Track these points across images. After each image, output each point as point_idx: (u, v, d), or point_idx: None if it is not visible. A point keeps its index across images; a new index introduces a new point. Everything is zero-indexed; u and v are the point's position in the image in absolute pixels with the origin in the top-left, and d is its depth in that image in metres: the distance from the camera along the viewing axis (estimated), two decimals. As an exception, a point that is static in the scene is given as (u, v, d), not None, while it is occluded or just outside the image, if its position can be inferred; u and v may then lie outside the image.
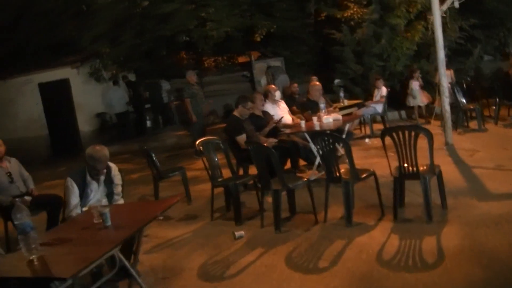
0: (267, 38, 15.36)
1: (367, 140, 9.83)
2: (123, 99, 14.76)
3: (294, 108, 9.52)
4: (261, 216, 5.51)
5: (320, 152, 5.17)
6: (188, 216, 6.44)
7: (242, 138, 6.69)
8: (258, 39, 12.82)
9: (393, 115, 12.24)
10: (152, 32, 12.94)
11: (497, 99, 9.74)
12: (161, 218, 6.43)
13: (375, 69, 12.36)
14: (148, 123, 16.34)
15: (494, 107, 10.22)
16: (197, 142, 6.04)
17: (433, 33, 8.35)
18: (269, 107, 8.16)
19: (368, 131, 10.53)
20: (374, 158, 8.20)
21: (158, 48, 14.05)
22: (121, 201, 4.86)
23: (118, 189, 4.86)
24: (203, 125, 10.89)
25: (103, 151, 4.53)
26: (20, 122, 15.36)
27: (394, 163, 5.01)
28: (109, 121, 15.26)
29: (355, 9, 11.99)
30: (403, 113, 12.35)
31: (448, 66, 10.80)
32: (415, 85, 11.19)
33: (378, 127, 10.99)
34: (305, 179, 5.36)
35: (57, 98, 15.12)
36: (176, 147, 12.93)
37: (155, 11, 11.96)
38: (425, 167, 4.95)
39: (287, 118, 8.23)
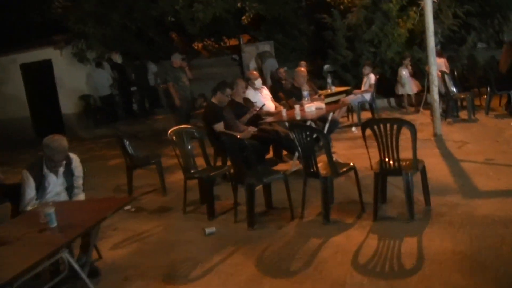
0: (258, 21, 14.95)
1: (353, 129, 9.52)
2: (108, 82, 14.35)
3: (281, 94, 9.20)
4: (234, 211, 5.21)
5: (297, 144, 4.85)
6: (161, 208, 6.14)
7: (220, 126, 6.37)
8: (246, 21, 12.37)
9: (382, 102, 11.92)
10: (140, 12, 12.47)
11: (489, 89, 9.41)
12: (133, 210, 6.17)
13: (366, 55, 12.00)
14: (134, 106, 15.97)
15: (485, 97, 9.93)
16: (169, 131, 5.69)
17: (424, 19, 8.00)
18: (251, 94, 7.82)
19: (356, 120, 10.20)
20: (359, 148, 7.81)
21: (146, 29, 13.57)
22: (82, 195, 4.54)
23: (79, 182, 4.55)
24: (189, 110, 10.55)
25: (61, 141, 4.20)
26: (1, 103, 14.93)
27: (377, 157, 4.71)
28: (93, 104, 14.85)
29: (345, -7, 11.60)
30: (392, 100, 12.03)
31: (442, 54, 10.52)
32: (404, 72, 10.85)
33: (367, 115, 10.70)
34: (282, 173, 5.03)
35: (39, 80, 14.73)
36: (162, 131, 12.56)
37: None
38: (407, 162, 4.65)
39: (270, 106, 7.90)
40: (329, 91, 10.22)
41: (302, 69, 8.20)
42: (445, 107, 9.56)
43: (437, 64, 8.45)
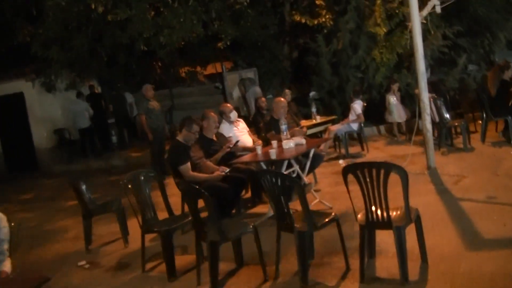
0: (238, 47, 14.35)
1: (341, 161, 8.81)
2: (87, 113, 13.59)
3: (262, 126, 8.49)
4: (197, 271, 4.41)
5: (268, 193, 4.11)
6: (118, 265, 5.34)
7: (185, 168, 5.62)
8: (222, 47, 11.74)
9: (371, 130, 11.25)
10: (109, 39, 11.82)
11: (484, 114, 8.75)
12: (86, 266, 5.38)
13: (353, 81, 11.36)
14: (114, 139, 15.21)
15: (480, 122, 9.28)
16: (124, 179, 4.92)
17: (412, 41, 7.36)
18: (225, 128, 7.11)
19: (343, 151, 9.47)
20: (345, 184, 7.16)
21: (117, 57, 12.91)
22: (7, 263, 3.75)
23: (4, 246, 3.77)
24: (163, 143, 9.80)
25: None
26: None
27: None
28: (68, 137, 14.09)
29: (327, 17, 10.97)
30: (382, 128, 11.35)
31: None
32: (392, 99, 10.17)
33: (355, 145, 10.00)
34: (252, 226, 4.25)
35: (11, 113, 13.98)
36: (138, 166, 11.78)
37: (112, 17, 10.85)
38: (399, 212, 3.91)
39: (246, 140, 7.17)
40: (313, 121, 9.54)
41: (282, 99, 7.48)
42: (437, 135, 8.89)
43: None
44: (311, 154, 6.17)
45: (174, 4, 10.76)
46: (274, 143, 6.18)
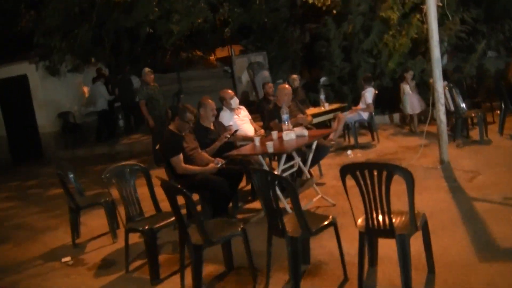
0: (248, 31, 13.90)
1: (349, 152, 8.37)
2: (105, 95, 13.43)
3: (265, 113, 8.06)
4: (181, 276, 4.03)
5: (259, 194, 3.71)
6: (103, 263, 4.99)
7: (177, 159, 5.24)
8: (228, 34, 11.31)
9: (383, 119, 10.76)
10: (113, 23, 11.43)
11: (502, 105, 8.21)
12: (70, 263, 5.07)
13: (364, 66, 10.85)
14: (121, 123, 14.89)
15: (498, 112, 8.75)
16: (105, 172, 4.55)
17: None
18: (225, 116, 6.70)
19: (353, 141, 9.02)
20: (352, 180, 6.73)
21: (121, 42, 12.54)
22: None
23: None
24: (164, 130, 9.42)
25: None
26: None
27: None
28: (73, 121, 13.80)
29: (337, -2, 10.45)
30: (396, 117, 10.83)
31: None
32: (406, 88, 9.56)
33: (366, 135, 9.55)
34: (240, 229, 3.85)
35: (15, 96, 13.70)
36: (141, 153, 11.47)
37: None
38: (403, 218, 3.49)
39: (247, 129, 6.74)
40: (322, 108, 9.08)
41: (286, 86, 7.03)
42: (452, 126, 8.40)
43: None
44: (313, 146, 5.73)
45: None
46: (274, 133, 5.76)
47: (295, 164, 5.77)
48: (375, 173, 3.19)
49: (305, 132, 5.62)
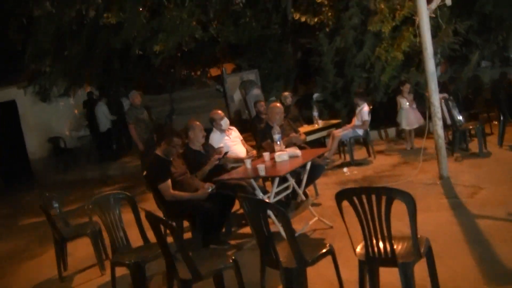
0: (240, 48, 13.74)
1: (345, 169, 8.15)
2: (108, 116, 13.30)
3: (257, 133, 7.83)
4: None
5: (249, 222, 3.46)
6: (90, 298, 4.73)
7: (165, 186, 5.00)
8: (218, 51, 11.14)
9: (378, 134, 10.55)
10: (104, 44, 11.26)
11: (501, 115, 8.02)
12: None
13: (358, 81, 10.68)
14: (113, 146, 14.64)
15: (496, 122, 8.56)
16: (88, 203, 4.31)
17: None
18: (215, 138, 6.47)
19: (348, 158, 8.79)
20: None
21: (112, 62, 12.36)
22: None
23: None
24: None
25: None
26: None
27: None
28: (63, 146, 13.57)
29: (329, 14, 10.28)
30: (391, 131, 10.62)
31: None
32: (403, 103, 9.14)
33: (361, 150, 9.33)
34: (231, 260, 3.59)
35: (4, 122, 13.48)
36: (132, 176, 11.21)
37: (104, 21, 10.29)
38: (405, 244, 3.24)
39: (239, 150, 6.52)
40: (316, 125, 8.88)
41: (277, 104, 6.81)
42: (450, 139, 8.20)
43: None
44: (307, 167, 5.50)
45: (170, 5, 10.17)
46: (266, 155, 5.52)
47: (290, 186, 5.53)
48: (374, 198, 2.95)
49: (298, 153, 5.39)
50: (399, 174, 7.26)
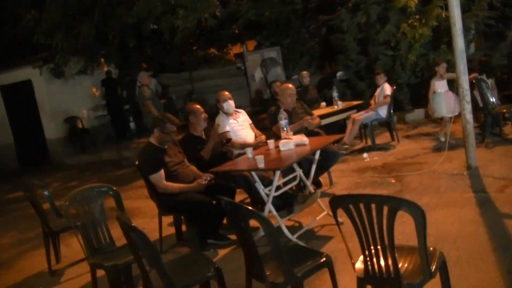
0: (261, 25, 13.15)
1: (365, 155, 7.58)
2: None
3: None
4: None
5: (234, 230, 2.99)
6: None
7: (157, 177, 4.56)
8: (237, 30, 10.60)
9: (404, 117, 9.87)
10: (117, 20, 10.84)
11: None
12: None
13: (383, 60, 9.98)
14: (132, 126, 14.34)
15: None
16: (65, 199, 3.89)
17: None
18: (221, 120, 5.97)
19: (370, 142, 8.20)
20: (366, 188, 5.96)
21: (126, 39, 11.95)
22: None
23: None
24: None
25: None
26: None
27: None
28: (80, 126, 13.31)
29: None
30: (419, 114, 9.88)
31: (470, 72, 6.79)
32: (439, 86, 7.76)
33: (385, 134, 8.72)
34: (213, 269, 3.12)
35: (20, 103, 13.28)
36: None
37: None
38: (413, 259, 2.72)
39: (247, 135, 6.00)
40: (335, 107, 8.29)
41: (289, 85, 6.24)
42: (481, 124, 7.52)
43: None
44: (316, 157, 4.98)
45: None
46: (271, 142, 5.02)
47: (296, 177, 5.03)
48: (373, 207, 2.43)
49: (306, 141, 4.84)
50: (422, 162, 6.65)
